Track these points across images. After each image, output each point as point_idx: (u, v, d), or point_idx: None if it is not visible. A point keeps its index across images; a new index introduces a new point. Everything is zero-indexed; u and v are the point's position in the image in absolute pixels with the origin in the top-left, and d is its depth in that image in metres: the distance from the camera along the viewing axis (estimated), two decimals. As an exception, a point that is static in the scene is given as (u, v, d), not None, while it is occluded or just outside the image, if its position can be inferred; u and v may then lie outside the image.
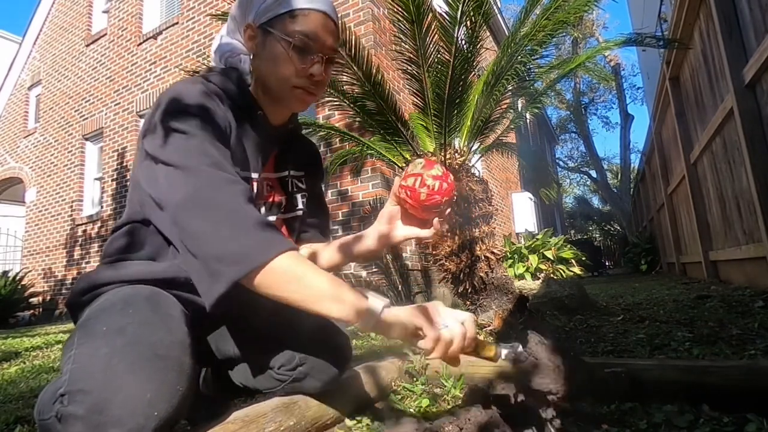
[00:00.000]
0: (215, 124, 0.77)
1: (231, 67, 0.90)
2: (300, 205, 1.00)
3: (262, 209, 0.92)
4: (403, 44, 2.16)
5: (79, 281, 0.84)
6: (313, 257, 0.97)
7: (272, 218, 0.93)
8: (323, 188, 1.11)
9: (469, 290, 2.20)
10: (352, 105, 2.46)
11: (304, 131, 1.12)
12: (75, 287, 0.84)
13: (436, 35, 2.08)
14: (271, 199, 0.95)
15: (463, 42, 2.08)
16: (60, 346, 2.79)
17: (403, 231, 0.91)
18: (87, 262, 6.65)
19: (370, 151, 2.77)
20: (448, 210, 0.89)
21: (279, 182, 0.98)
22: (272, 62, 0.84)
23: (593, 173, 19.68)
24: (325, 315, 0.67)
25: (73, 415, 0.58)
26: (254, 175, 0.88)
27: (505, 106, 2.60)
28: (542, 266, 5.28)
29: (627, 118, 16.80)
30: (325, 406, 0.94)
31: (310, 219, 1.03)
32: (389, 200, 0.92)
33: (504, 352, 0.74)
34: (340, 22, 0.91)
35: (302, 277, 0.66)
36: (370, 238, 0.92)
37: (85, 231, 6.81)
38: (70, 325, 4.35)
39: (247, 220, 0.68)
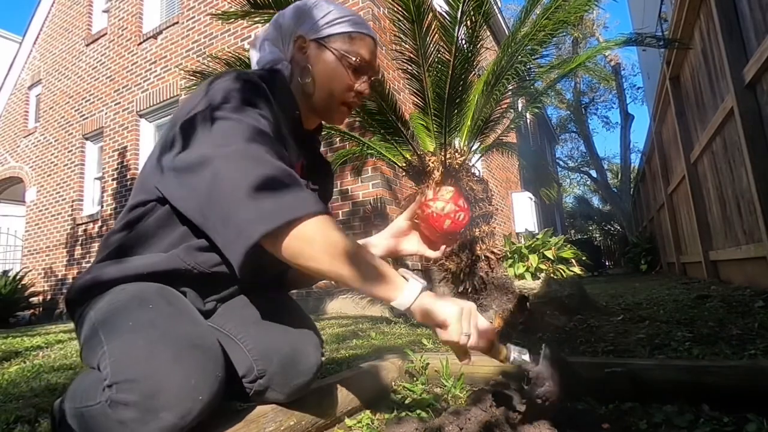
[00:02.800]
0: (267, 114, 0.79)
1: (273, 69, 0.92)
2: None
3: None
4: (403, 44, 2.16)
5: (79, 280, 0.84)
6: None
7: None
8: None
9: (470, 290, 2.20)
10: (352, 105, 2.45)
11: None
12: (77, 284, 0.84)
13: (437, 35, 2.08)
14: None
15: (464, 42, 2.08)
16: (60, 345, 2.79)
17: (411, 246, 0.97)
18: (87, 262, 6.65)
19: (370, 151, 2.78)
20: (457, 239, 0.98)
21: None
22: (327, 75, 0.89)
23: (593, 173, 19.70)
24: (358, 289, 0.68)
25: (125, 401, 0.63)
26: None
27: (505, 105, 2.60)
28: (542, 266, 5.27)
29: (627, 118, 16.80)
30: (325, 406, 0.94)
31: None
32: (404, 214, 0.97)
33: (513, 356, 0.78)
34: None
35: (336, 244, 0.66)
36: (377, 247, 0.96)
37: (85, 230, 6.81)
38: (71, 325, 4.34)
39: (286, 180, 0.68)
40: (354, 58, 0.89)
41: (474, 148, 2.50)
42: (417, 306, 0.68)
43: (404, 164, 2.47)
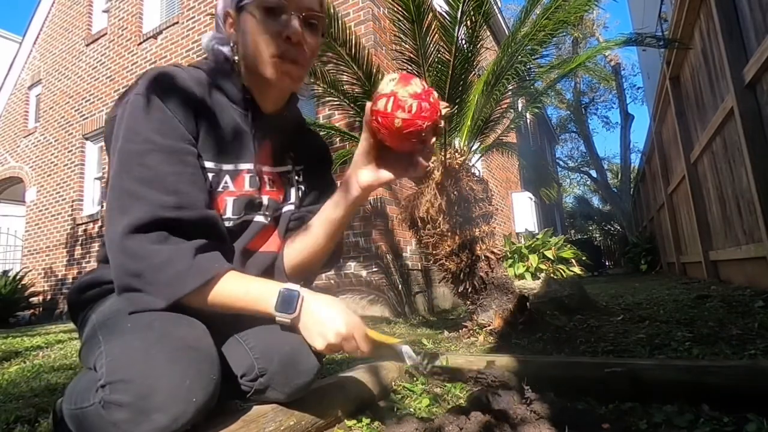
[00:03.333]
0: (184, 118, 0.77)
1: (217, 56, 0.88)
2: (292, 198, 0.95)
3: (264, 201, 0.90)
4: (403, 44, 2.16)
5: (81, 279, 0.86)
6: (303, 236, 0.91)
7: (261, 219, 0.89)
8: (334, 179, 1.06)
9: (470, 290, 2.20)
10: (352, 105, 2.46)
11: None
12: (77, 284, 0.86)
13: (437, 35, 2.08)
14: (271, 196, 0.92)
15: (464, 42, 2.08)
16: (60, 345, 2.79)
17: (387, 174, 0.80)
18: (87, 262, 6.65)
19: (370, 151, 2.77)
20: (434, 139, 0.76)
21: (280, 177, 0.94)
22: (247, 36, 0.81)
23: (593, 173, 19.68)
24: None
25: (118, 402, 0.62)
26: (244, 166, 0.86)
27: (505, 105, 2.60)
28: (542, 266, 5.27)
29: (627, 118, 16.79)
30: (325, 406, 0.94)
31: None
32: (363, 131, 0.78)
33: (404, 348, 0.82)
34: (340, 21, 0.91)
35: (225, 300, 0.75)
36: (351, 186, 0.83)
37: (85, 230, 6.81)
38: (71, 325, 4.35)
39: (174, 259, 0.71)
40: (265, 2, 0.79)
41: (474, 148, 2.49)
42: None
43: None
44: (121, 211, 0.71)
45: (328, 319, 0.75)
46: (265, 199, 0.90)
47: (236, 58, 0.86)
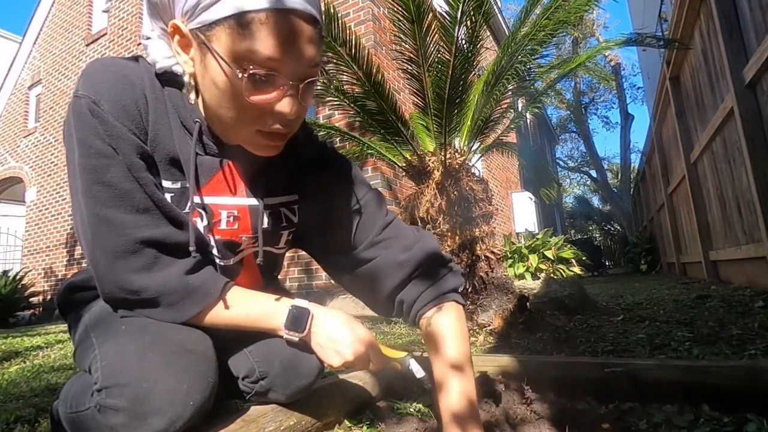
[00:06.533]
0: (133, 126, 0.67)
1: (166, 72, 0.70)
2: (282, 244, 0.85)
3: (213, 246, 0.77)
4: (403, 44, 2.16)
5: (70, 280, 0.86)
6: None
7: (221, 262, 0.79)
8: (355, 197, 0.87)
9: (470, 290, 2.20)
10: (352, 105, 2.46)
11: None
12: (66, 285, 0.86)
13: (437, 35, 2.08)
14: (223, 236, 0.77)
15: (464, 41, 2.08)
16: (60, 345, 2.79)
17: None
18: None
19: (370, 151, 2.78)
20: None
21: (249, 212, 0.78)
22: (220, 98, 0.63)
23: (593, 173, 19.70)
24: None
25: (114, 407, 0.61)
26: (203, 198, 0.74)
27: (505, 105, 2.60)
28: (542, 266, 5.27)
29: (627, 118, 16.80)
30: (324, 406, 0.94)
31: (365, 251, 0.84)
32: None
33: (411, 362, 0.81)
34: (340, 21, 0.88)
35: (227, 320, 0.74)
36: None
37: (85, 230, 6.82)
38: (71, 325, 4.34)
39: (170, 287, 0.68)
40: (252, 66, 0.58)
41: (474, 148, 2.49)
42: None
43: (404, 164, 2.48)
44: (95, 237, 0.66)
45: (342, 336, 0.74)
46: (212, 240, 0.76)
47: (193, 96, 0.71)
